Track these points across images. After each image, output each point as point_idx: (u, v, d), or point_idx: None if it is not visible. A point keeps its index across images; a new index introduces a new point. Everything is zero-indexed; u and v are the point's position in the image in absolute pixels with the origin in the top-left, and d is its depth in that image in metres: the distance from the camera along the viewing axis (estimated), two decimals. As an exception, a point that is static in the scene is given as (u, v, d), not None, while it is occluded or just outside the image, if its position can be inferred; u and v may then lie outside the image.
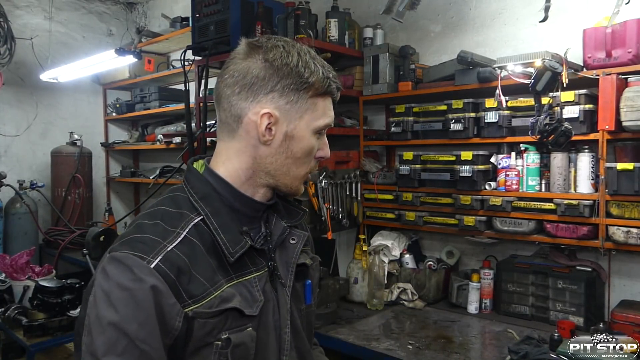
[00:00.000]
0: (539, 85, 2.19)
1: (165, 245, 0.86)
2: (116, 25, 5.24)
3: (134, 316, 0.80)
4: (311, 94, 0.95)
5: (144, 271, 0.82)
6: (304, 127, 0.95)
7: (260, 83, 0.93)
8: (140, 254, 0.84)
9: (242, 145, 0.96)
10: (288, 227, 1.03)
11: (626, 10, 2.26)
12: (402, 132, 2.89)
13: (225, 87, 0.96)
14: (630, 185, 2.11)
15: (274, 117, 0.93)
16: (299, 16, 2.94)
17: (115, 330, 0.80)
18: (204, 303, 0.87)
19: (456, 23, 3.02)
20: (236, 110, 0.95)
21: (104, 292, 0.82)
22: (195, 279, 0.87)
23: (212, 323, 0.87)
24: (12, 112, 4.53)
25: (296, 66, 0.93)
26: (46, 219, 4.61)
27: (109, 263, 0.84)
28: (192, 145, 3.20)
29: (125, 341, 0.80)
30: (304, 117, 0.95)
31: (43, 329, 2.62)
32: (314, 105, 0.96)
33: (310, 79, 0.93)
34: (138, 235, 0.88)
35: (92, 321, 0.81)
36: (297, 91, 0.93)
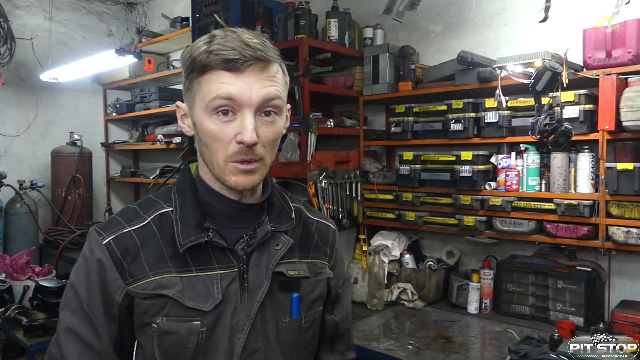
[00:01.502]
0: (539, 85, 2.19)
1: (124, 226, 0.95)
2: (116, 25, 5.24)
3: (84, 282, 0.93)
4: (195, 75, 0.91)
5: (97, 246, 0.93)
6: (199, 111, 0.91)
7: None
8: (100, 231, 0.95)
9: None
10: (271, 231, 0.99)
11: (626, 10, 2.26)
12: (402, 132, 2.89)
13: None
14: (630, 185, 2.11)
15: (180, 109, 0.98)
16: (299, 16, 2.94)
17: (72, 291, 0.94)
18: (139, 284, 0.92)
19: (456, 23, 3.02)
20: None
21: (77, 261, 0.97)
22: (138, 261, 0.93)
23: (146, 305, 0.92)
24: (12, 112, 4.53)
25: (187, 53, 0.91)
26: (46, 219, 4.61)
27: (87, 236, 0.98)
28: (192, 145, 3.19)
29: (77, 302, 0.93)
30: (196, 101, 0.92)
31: (43, 329, 2.62)
32: (199, 86, 0.91)
33: (189, 61, 0.90)
34: (114, 216, 0.98)
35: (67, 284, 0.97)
36: (187, 78, 0.93)
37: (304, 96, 2.74)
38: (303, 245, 1.06)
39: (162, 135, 4.30)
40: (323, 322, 1.11)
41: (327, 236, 1.12)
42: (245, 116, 0.89)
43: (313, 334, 1.06)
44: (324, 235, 1.12)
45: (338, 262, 1.14)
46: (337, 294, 1.12)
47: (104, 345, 0.93)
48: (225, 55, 0.86)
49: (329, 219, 1.19)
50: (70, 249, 4.09)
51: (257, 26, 3.08)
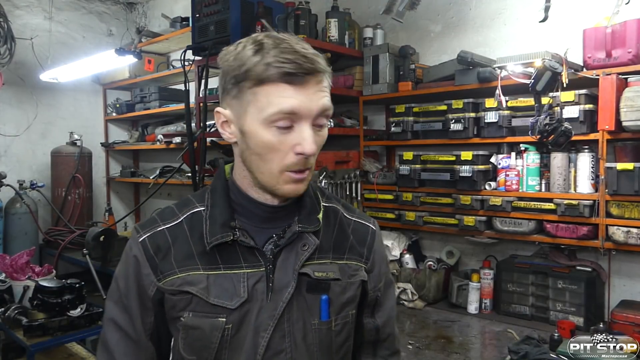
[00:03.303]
0: (539, 85, 2.19)
1: (159, 224, 1.00)
2: (116, 25, 5.24)
3: (123, 275, 1.00)
4: (249, 85, 0.88)
5: (134, 242, 0.99)
6: (252, 121, 0.89)
7: (220, 85, 0.95)
8: (138, 228, 1.01)
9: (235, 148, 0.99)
10: (298, 232, 0.98)
11: (626, 10, 2.26)
12: (402, 132, 2.89)
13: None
14: (630, 185, 2.11)
15: (223, 115, 0.94)
16: (299, 16, 2.94)
17: (115, 282, 1.01)
18: (167, 280, 0.96)
19: (456, 23, 3.02)
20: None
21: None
22: (168, 258, 0.97)
23: (173, 300, 0.96)
24: (12, 112, 4.53)
25: (234, 59, 0.90)
26: (46, 219, 4.61)
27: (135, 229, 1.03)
28: (192, 145, 3.20)
29: (118, 294, 1.00)
30: (248, 111, 0.89)
31: (43, 329, 2.62)
32: (254, 96, 0.88)
33: (241, 70, 0.88)
34: (154, 215, 1.04)
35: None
36: (236, 85, 0.90)
37: (304, 96, 2.74)
38: (338, 246, 1.03)
39: (162, 135, 4.30)
40: (362, 326, 1.08)
41: (365, 237, 1.09)
42: (304, 128, 0.89)
43: (345, 337, 1.03)
44: (361, 236, 1.08)
45: (377, 263, 1.09)
46: (377, 297, 1.09)
47: (138, 334, 0.99)
48: (285, 69, 0.85)
49: (369, 218, 1.15)
50: (70, 249, 4.09)
51: (257, 26, 3.08)
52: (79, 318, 2.73)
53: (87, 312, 2.77)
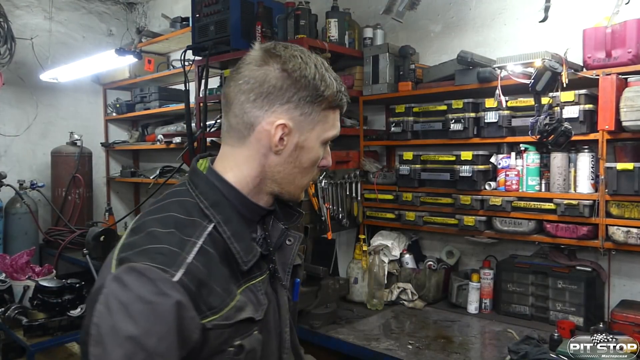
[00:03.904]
0: (539, 85, 2.19)
1: (184, 256, 0.84)
2: (116, 25, 5.25)
3: (154, 330, 0.77)
4: (324, 107, 0.96)
5: (168, 285, 0.79)
6: (314, 139, 0.96)
7: (277, 93, 0.92)
8: (162, 267, 0.81)
9: (251, 153, 0.95)
10: (285, 228, 1.02)
11: (626, 10, 2.26)
12: (402, 132, 2.89)
13: (240, 93, 0.94)
14: (630, 185, 2.11)
15: (288, 128, 0.93)
16: (299, 16, 2.94)
17: (134, 344, 0.76)
18: (222, 314, 0.86)
19: (456, 23, 3.02)
20: (249, 117, 0.94)
21: (122, 303, 0.78)
22: (213, 290, 0.86)
23: (228, 332, 0.87)
24: (12, 112, 4.53)
25: (313, 79, 0.93)
26: (46, 219, 4.61)
27: (127, 273, 0.80)
28: (192, 145, 3.20)
29: (143, 355, 0.76)
30: (315, 129, 0.96)
31: (43, 329, 2.62)
32: (325, 118, 0.97)
33: (325, 93, 0.94)
34: (155, 245, 0.84)
35: (105, 332, 0.77)
36: (311, 103, 0.94)
37: (304, 96, 2.74)
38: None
39: (162, 135, 4.30)
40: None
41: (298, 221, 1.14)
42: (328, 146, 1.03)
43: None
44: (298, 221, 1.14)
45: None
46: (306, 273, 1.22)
47: None
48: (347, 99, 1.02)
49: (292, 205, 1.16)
50: (70, 249, 4.09)
51: (257, 26, 3.08)
52: (79, 318, 2.73)
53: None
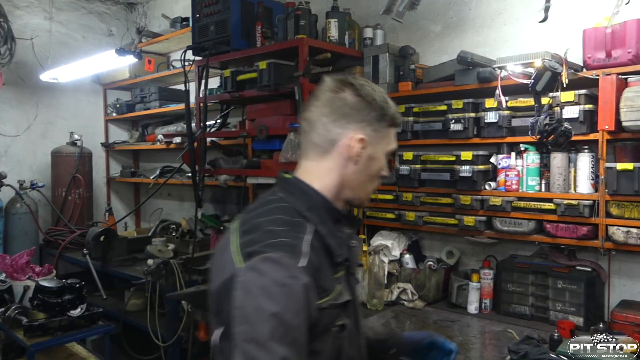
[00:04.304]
0: (538, 85, 2.19)
1: (302, 248, 1.02)
2: (116, 26, 5.25)
3: (290, 307, 0.94)
4: (387, 124, 1.16)
5: (296, 270, 0.97)
6: (381, 151, 1.17)
7: (354, 114, 1.13)
8: (290, 256, 0.99)
9: (333, 165, 1.14)
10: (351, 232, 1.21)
11: (626, 10, 2.26)
12: (402, 132, 2.89)
13: (322, 116, 1.14)
14: (630, 185, 2.11)
15: (364, 142, 1.13)
16: (299, 16, 2.94)
17: (276, 320, 0.92)
18: (332, 296, 1.05)
19: (456, 23, 3.02)
20: (332, 135, 1.13)
21: (261, 287, 0.95)
22: (325, 275, 1.05)
23: (335, 312, 1.05)
24: (13, 112, 4.53)
25: (380, 102, 1.15)
26: (46, 219, 4.61)
27: (262, 262, 0.97)
28: (192, 145, 3.20)
29: (283, 328, 0.93)
30: (382, 143, 1.17)
31: (43, 329, 2.62)
32: (388, 134, 1.18)
33: (388, 112, 1.16)
34: (277, 240, 1.01)
35: (250, 313, 0.93)
36: (379, 122, 1.15)
37: (304, 96, 2.74)
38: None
39: (162, 135, 4.31)
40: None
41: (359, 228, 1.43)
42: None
43: None
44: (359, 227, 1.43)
45: None
46: None
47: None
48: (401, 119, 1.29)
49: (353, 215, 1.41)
50: (71, 249, 4.09)
51: (257, 26, 3.08)
52: (79, 318, 2.74)
53: (87, 312, 2.77)
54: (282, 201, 1.12)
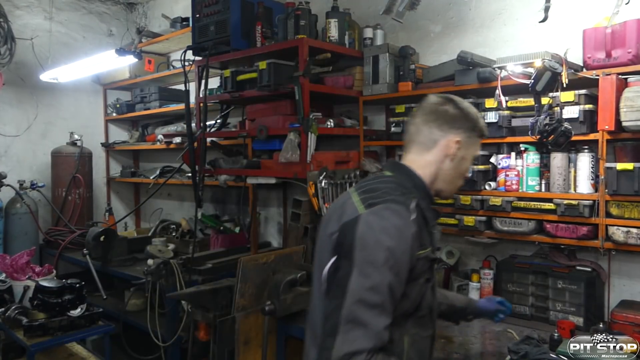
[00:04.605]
0: (538, 85, 2.19)
1: (412, 210, 1.31)
2: (116, 26, 5.25)
3: (401, 246, 1.24)
4: (476, 134, 1.48)
5: (409, 221, 1.28)
6: (470, 154, 1.49)
7: (454, 122, 1.44)
8: (404, 209, 1.29)
9: (432, 159, 1.45)
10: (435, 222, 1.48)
11: (626, 10, 2.26)
12: (402, 132, 2.89)
13: (429, 122, 1.45)
14: (630, 185, 2.11)
15: (460, 144, 1.44)
16: (299, 16, 2.94)
17: (390, 252, 1.22)
18: (427, 251, 1.34)
19: (456, 23, 3.02)
20: (435, 136, 1.44)
21: (382, 227, 1.24)
22: (424, 233, 1.35)
23: (426, 265, 1.34)
24: (13, 112, 4.53)
25: (474, 115, 1.48)
26: (46, 219, 4.61)
27: (384, 210, 1.27)
28: (192, 145, 3.20)
29: (394, 260, 1.22)
30: (471, 148, 1.48)
31: (43, 329, 2.62)
32: (476, 142, 1.50)
33: (479, 124, 1.48)
34: (394, 197, 1.31)
35: (371, 243, 1.23)
36: (472, 130, 1.46)
37: (304, 96, 2.74)
38: None
39: (162, 135, 4.30)
40: None
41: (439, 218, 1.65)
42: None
43: None
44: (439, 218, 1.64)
45: None
46: None
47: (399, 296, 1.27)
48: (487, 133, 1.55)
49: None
50: (71, 249, 4.10)
51: (257, 26, 3.08)
52: (79, 318, 2.74)
53: (87, 312, 2.77)
54: (392, 177, 1.43)
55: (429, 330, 1.47)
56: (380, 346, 1.19)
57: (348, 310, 1.18)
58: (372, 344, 1.17)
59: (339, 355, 1.16)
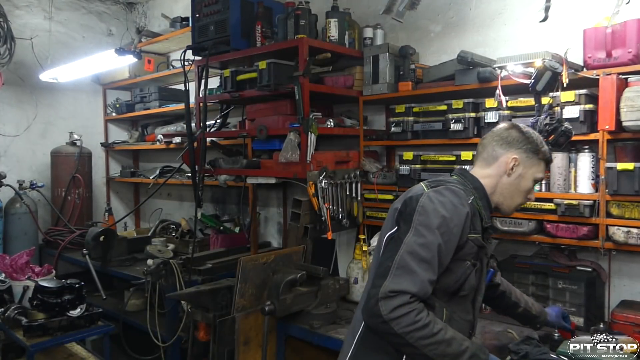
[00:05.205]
0: (539, 85, 2.19)
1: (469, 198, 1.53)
2: (116, 25, 5.24)
3: (455, 219, 1.44)
4: (539, 157, 1.62)
5: (465, 203, 1.49)
6: (530, 174, 1.62)
7: (515, 143, 1.61)
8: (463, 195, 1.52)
9: (492, 173, 1.63)
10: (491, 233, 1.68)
11: (626, 10, 2.26)
12: (402, 132, 2.89)
13: (494, 142, 1.64)
14: (630, 185, 2.11)
15: (517, 161, 1.60)
16: (299, 16, 2.94)
17: (444, 220, 1.43)
18: (477, 236, 1.52)
19: (456, 23, 3.01)
20: (497, 154, 1.63)
21: (440, 201, 1.46)
22: (476, 221, 1.53)
23: (474, 249, 1.51)
24: (12, 112, 4.53)
25: (536, 140, 1.63)
26: (46, 219, 4.61)
27: (444, 189, 1.50)
28: (192, 145, 3.20)
29: (446, 228, 1.43)
30: (532, 169, 1.62)
31: (43, 329, 2.62)
32: (538, 164, 1.63)
33: (541, 149, 1.62)
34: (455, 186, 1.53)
35: (429, 210, 1.44)
36: (532, 152, 1.61)
37: (303, 96, 2.74)
38: None
39: (162, 135, 4.30)
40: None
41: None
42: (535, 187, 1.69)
43: None
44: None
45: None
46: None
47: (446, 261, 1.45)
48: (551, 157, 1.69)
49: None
50: (70, 249, 4.09)
51: (257, 26, 3.08)
52: (78, 318, 2.74)
53: (86, 312, 2.77)
54: (457, 179, 1.62)
55: (469, 315, 1.63)
56: (423, 296, 1.38)
57: (400, 257, 1.39)
58: (416, 290, 1.36)
59: (386, 291, 1.35)
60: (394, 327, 1.33)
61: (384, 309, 1.33)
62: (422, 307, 1.37)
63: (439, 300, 1.50)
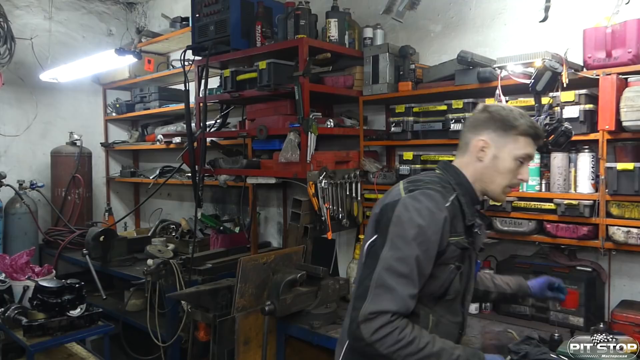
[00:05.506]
0: (539, 85, 2.19)
1: (448, 198, 1.46)
2: (116, 25, 5.24)
3: (432, 227, 1.38)
4: (515, 133, 1.50)
5: (442, 206, 1.42)
6: (506, 154, 1.51)
7: (482, 124, 1.54)
8: (440, 197, 1.43)
9: (468, 161, 1.57)
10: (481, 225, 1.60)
11: (626, 10, 2.26)
12: (402, 132, 2.89)
13: (465, 128, 1.61)
14: (630, 185, 2.11)
15: (485, 143, 1.52)
16: (299, 16, 2.94)
17: (420, 230, 1.37)
18: (459, 239, 1.46)
19: (456, 23, 3.01)
20: (467, 139, 1.58)
21: (416, 208, 1.39)
22: (458, 222, 1.47)
23: (457, 252, 1.46)
24: (12, 112, 4.53)
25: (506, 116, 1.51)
26: (46, 219, 4.61)
27: (420, 194, 1.43)
28: (192, 145, 3.20)
29: (423, 237, 1.37)
30: (506, 147, 1.51)
31: (43, 329, 2.62)
32: (515, 140, 1.51)
33: (514, 124, 1.50)
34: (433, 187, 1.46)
35: (404, 220, 1.39)
36: (503, 130, 1.51)
37: (303, 96, 2.74)
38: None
39: (162, 135, 4.30)
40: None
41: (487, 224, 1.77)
42: (527, 166, 1.56)
43: None
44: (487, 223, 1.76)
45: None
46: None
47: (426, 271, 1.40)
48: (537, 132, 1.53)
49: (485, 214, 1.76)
50: (70, 249, 4.09)
51: (257, 26, 3.08)
52: (78, 318, 2.73)
53: (87, 312, 2.77)
54: (439, 174, 1.57)
55: (458, 317, 1.60)
56: (405, 312, 1.35)
57: (378, 275, 1.36)
58: (397, 308, 1.33)
59: (366, 313, 1.33)
60: (379, 348, 1.32)
61: (366, 332, 1.32)
62: (405, 324, 1.35)
63: (424, 307, 1.47)
